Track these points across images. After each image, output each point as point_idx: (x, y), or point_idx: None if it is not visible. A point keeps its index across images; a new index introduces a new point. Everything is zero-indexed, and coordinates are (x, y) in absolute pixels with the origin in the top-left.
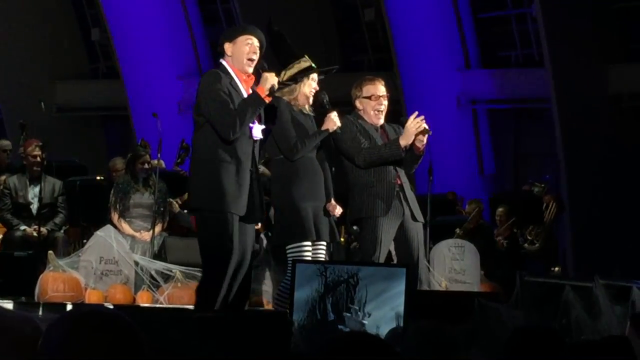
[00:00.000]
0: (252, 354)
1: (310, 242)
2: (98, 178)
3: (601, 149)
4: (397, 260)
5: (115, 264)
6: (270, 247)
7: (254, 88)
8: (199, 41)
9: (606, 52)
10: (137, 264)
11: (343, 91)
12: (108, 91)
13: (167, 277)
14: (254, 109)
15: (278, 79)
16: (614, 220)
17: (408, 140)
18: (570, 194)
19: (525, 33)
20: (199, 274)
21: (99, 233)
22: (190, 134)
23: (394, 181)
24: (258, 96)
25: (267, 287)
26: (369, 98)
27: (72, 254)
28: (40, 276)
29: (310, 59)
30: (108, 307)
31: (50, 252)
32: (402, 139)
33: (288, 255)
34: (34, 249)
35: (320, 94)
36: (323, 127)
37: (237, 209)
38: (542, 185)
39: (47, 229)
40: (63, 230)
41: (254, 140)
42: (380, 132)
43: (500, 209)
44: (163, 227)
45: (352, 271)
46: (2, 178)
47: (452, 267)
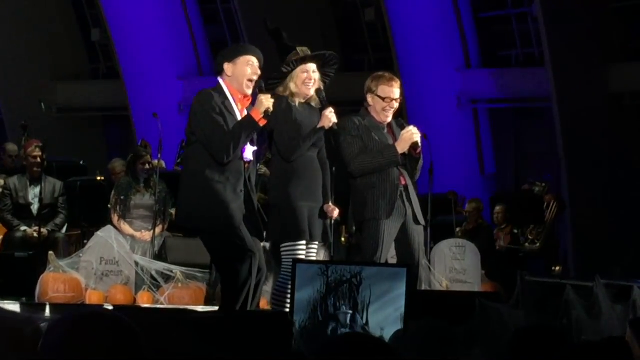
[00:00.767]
0: (252, 354)
1: (304, 242)
2: (98, 178)
3: (602, 148)
4: (397, 260)
5: (116, 264)
6: (271, 248)
7: (248, 111)
8: (199, 41)
9: (607, 51)
10: (137, 264)
11: (343, 90)
12: (108, 91)
13: (167, 278)
14: (248, 133)
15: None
16: (615, 220)
17: (403, 147)
18: (570, 193)
19: (525, 32)
20: (199, 275)
21: (99, 234)
22: None
23: (398, 181)
24: (252, 120)
25: (267, 288)
26: (382, 98)
27: (73, 254)
28: (41, 277)
29: (304, 51)
30: (107, 309)
31: (51, 252)
32: (398, 145)
33: (282, 254)
34: (35, 249)
35: (317, 91)
36: (319, 124)
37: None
38: (543, 184)
39: (47, 229)
40: (65, 229)
41: (245, 162)
42: (387, 130)
43: (498, 208)
44: (164, 228)
45: (355, 271)
46: (1, 182)
47: (453, 267)
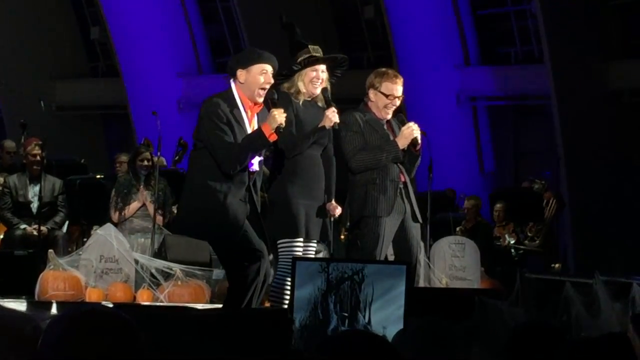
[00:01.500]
0: (252, 352)
1: (301, 239)
2: (98, 177)
3: (601, 146)
4: (395, 258)
5: (116, 262)
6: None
7: (259, 125)
8: (199, 39)
9: (606, 48)
10: (137, 262)
11: (343, 89)
12: (108, 90)
13: (167, 276)
14: (257, 148)
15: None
16: (614, 217)
17: (403, 143)
18: (570, 190)
19: (524, 30)
20: (199, 272)
21: (99, 231)
22: (190, 132)
23: (398, 178)
24: (263, 136)
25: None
26: (385, 95)
27: (73, 252)
28: (41, 275)
29: (316, 50)
30: (107, 306)
31: (51, 250)
32: (398, 141)
33: (279, 251)
34: (34, 247)
35: (323, 90)
36: (320, 124)
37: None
38: (542, 182)
39: (47, 227)
40: (65, 227)
41: (251, 172)
42: (386, 126)
43: (498, 205)
44: (164, 221)
45: (357, 268)
46: (0, 180)
47: (452, 264)
